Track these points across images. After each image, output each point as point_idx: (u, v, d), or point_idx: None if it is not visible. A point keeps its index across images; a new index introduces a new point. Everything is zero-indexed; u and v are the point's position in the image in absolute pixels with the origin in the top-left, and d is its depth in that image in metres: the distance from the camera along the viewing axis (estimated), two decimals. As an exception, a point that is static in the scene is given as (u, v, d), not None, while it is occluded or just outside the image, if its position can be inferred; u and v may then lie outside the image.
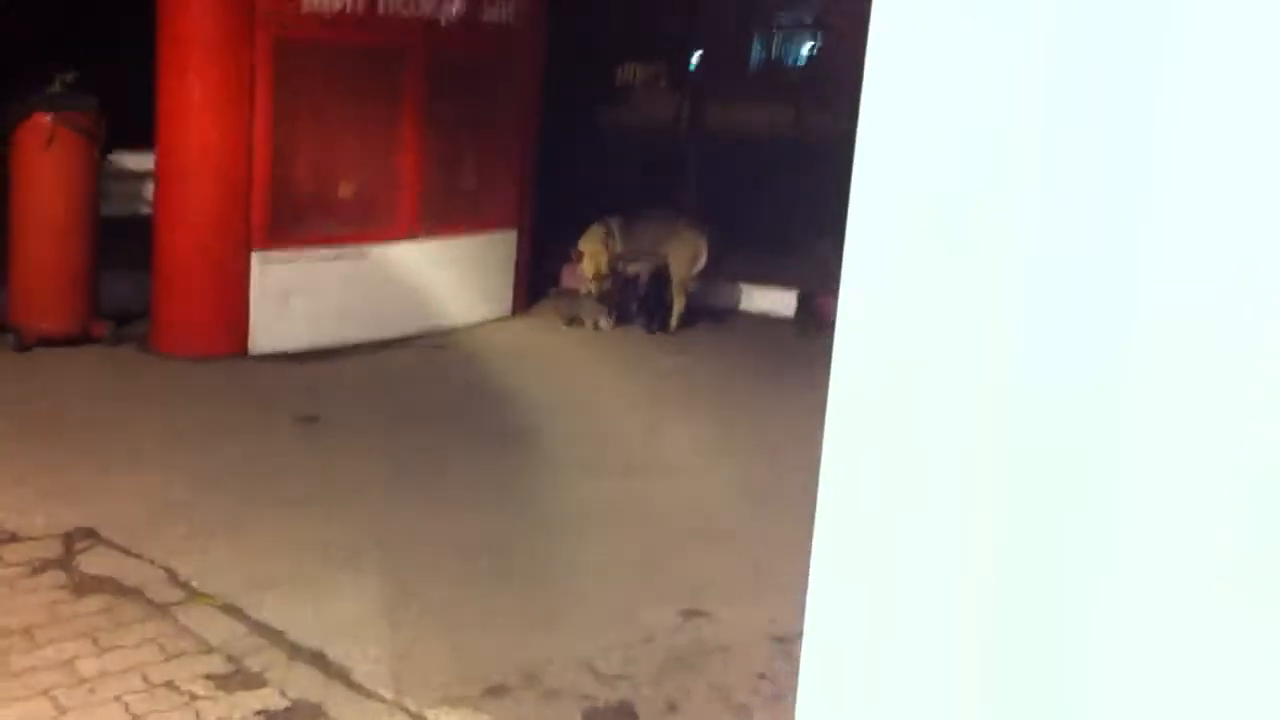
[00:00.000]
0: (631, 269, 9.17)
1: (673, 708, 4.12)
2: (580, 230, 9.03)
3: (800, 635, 4.56)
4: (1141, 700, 1.57)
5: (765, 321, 9.73)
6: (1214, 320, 1.45)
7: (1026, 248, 1.56)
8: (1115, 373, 1.53)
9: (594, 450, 6.65)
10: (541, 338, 9.10)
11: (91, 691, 3.92)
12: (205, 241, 7.70)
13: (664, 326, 9.16)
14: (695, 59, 15.19)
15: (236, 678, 4.07)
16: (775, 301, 9.84)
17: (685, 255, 8.99)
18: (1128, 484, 1.53)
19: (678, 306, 9.09)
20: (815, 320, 9.46)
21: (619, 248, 8.96)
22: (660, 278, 9.25)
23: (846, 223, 1.75)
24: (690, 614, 4.75)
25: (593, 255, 8.92)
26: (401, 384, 7.73)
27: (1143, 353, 1.51)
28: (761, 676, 4.31)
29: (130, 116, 7.65)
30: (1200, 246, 1.47)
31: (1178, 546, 1.51)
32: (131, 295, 7.96)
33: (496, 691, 4.12)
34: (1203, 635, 1.50)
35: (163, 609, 4.49)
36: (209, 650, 4.22)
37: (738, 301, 9.87)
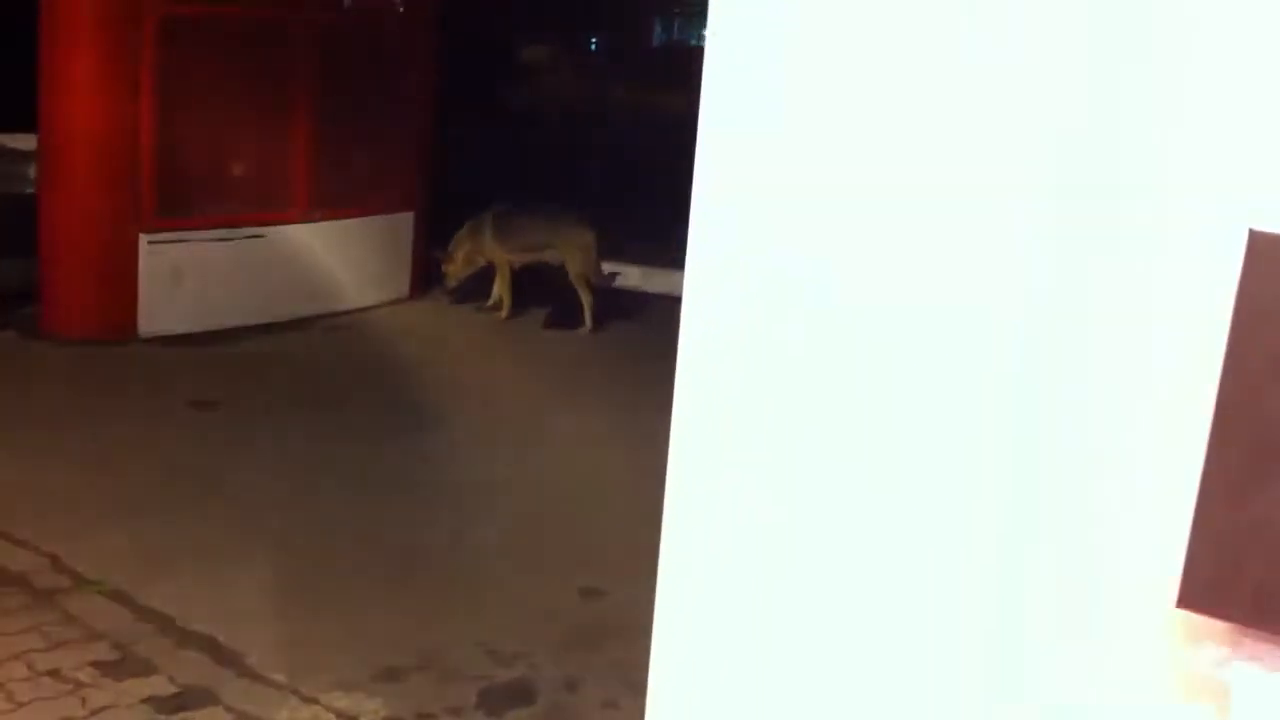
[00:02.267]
0: (520, 260, 8.98)
1: (572, 686, 4.10)
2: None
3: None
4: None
5: (670, 302, 9.70)
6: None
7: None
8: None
9: (489, 432, 6.61)
10: (438, 320, 9.02)
11: (-28, 682, 3.81)
12: (91, 222, 7.52)
13: (565, 323, 8.89)
14: (595, 41, 15.17)
15: (124, 665, 3.99)
16: (674, 282, 9.81)
17: (576, 252, 8.76)
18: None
19: (586, 303, 8.79)
20: None
21: (489, 242, 8.84)
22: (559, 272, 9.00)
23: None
24: (588, 592, 4.74)
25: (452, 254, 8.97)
26: (296, 366, 7.62)
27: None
28: (660, 653, 4.31)
29: (14, 96, 7.44)
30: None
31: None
32: (17, 277, 7.74)
33: (391, 675, 4.08)
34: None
35: (47, 596, 4.38)
36: (96, 638, 4.13)
37: (642, 284, 9.84)
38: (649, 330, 8.95)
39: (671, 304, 7.26)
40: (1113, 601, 1.44)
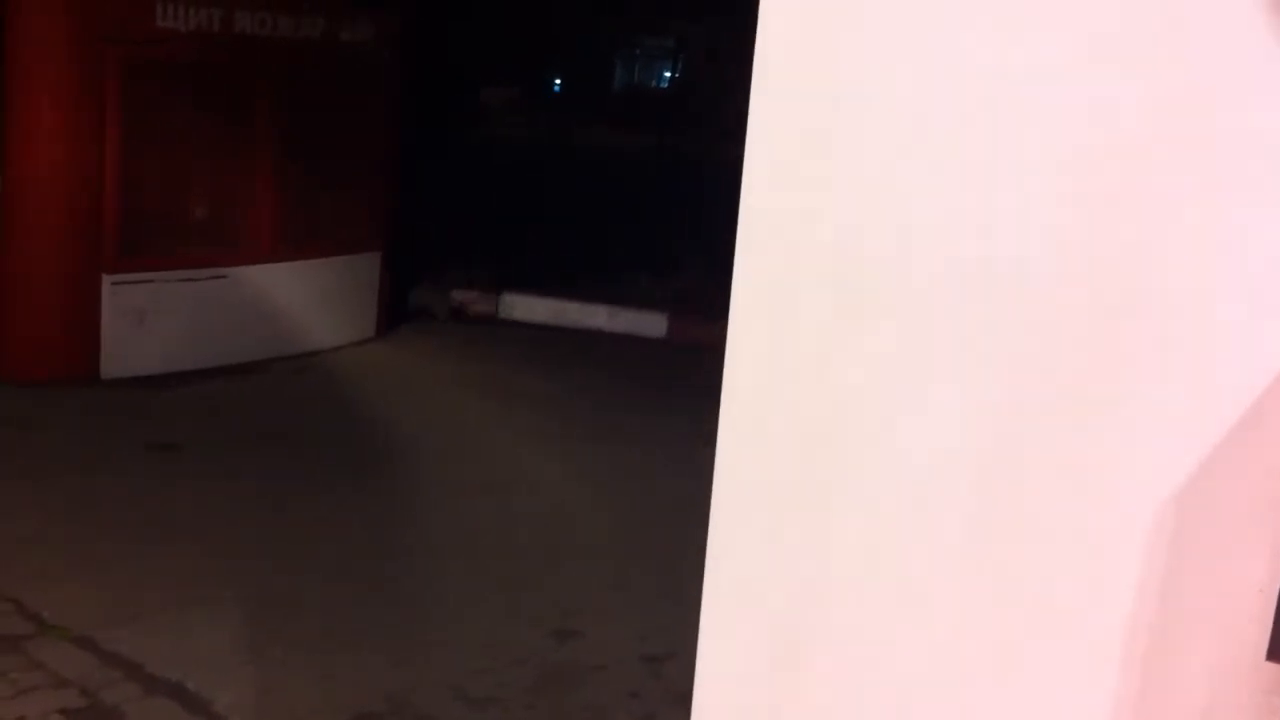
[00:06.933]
0: None
1: (545, 730, 4.08)
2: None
3: (670, 655, 4.51)
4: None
5: (632, 341, 9.71)
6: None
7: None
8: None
9: (457, 472, 6.58)
10: (405, 361, 8.99)
11: (-64, 731, 3.75)
12: (54, 264, 7.47)
13: None
14: (558, 83, 15.24)
15: (91, 712, 3.93)
16: (642, 323, 9.84)
17: None
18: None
19: None
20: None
21: None
22: None
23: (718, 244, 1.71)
24: (561, 634, 4.72)
25: None
26: (262, 408, 7.57)
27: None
28: (634, 695, 4.30)
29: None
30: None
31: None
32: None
33: (364, 720, 4.04)
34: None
35: (13, 642, 4.31)
36: (62, 684, 4.07)
37: (603, 323, 9.85)
38: (622, 370, 8.94)
39: (634, 342, 7.19)
40: (1201, 653, 1.41)
